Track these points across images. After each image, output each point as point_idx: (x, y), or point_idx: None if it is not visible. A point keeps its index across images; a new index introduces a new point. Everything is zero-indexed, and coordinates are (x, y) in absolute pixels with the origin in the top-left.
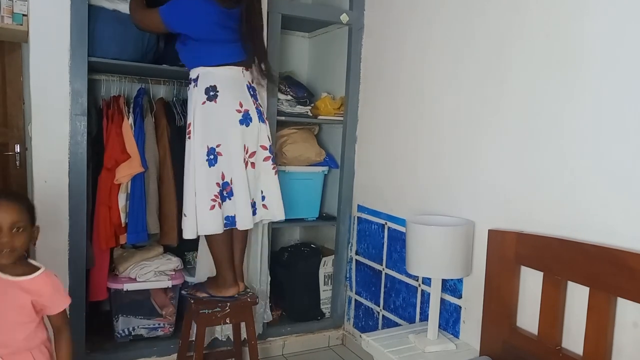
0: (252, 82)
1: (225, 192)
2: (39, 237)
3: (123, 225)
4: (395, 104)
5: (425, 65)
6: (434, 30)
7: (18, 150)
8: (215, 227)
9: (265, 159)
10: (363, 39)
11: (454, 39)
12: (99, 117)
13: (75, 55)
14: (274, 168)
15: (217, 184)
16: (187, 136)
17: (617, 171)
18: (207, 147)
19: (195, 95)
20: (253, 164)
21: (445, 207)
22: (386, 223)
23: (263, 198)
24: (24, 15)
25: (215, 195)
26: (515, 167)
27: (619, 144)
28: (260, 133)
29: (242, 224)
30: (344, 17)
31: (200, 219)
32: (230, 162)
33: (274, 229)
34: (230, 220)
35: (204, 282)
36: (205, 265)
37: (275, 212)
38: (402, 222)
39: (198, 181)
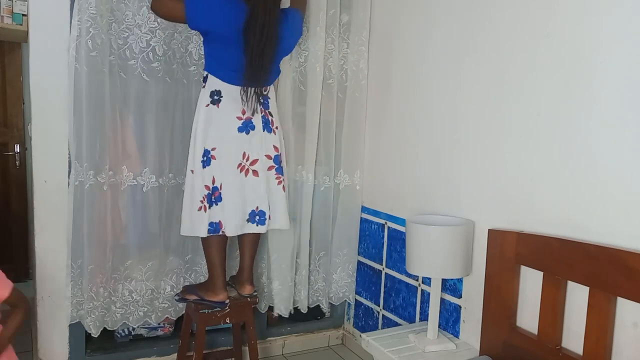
0: (265, 91)
1: (213, 196)
2: (39, 238)
3: None
4: (395, 104)
5: (426, 65)
6: (435, 29)
7: (18, 150)
8: (198, 230)
9: (269, 169)
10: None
11: (454, 38)
12: None
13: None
14: (277, 178)
15: (206, 186)
16: (191, 137)
17: (617, 171)
18: (204, 148)
19: (202, 96)
20: (255, 172)
21: (445, 206)
22: (386, 223)
23: (269, 208)
24: (24, 15)
25: (203, 198)
26: (516, 167)
27: (619, 143)
28: (264, 142)
29: (228, 231)
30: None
31: (189, 219)
32: (223, 167)
33: None
34: (213, 227)
35: (195, 284)
36: None
37: (281, 221)
38: (402, 221)
39: (193, 182)
